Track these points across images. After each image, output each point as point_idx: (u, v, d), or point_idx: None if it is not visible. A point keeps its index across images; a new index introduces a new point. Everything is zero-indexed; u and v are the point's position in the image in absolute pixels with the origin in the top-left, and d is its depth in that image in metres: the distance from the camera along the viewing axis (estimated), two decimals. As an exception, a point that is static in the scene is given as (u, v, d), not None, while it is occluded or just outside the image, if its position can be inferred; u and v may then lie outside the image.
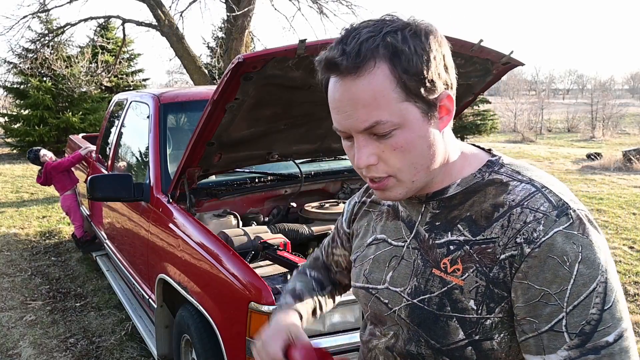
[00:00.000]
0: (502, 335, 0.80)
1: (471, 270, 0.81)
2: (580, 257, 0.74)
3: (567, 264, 0.74)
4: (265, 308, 1.87)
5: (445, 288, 0.83)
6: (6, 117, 14.71)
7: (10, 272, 4.87)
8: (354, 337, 1.98)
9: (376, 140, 0.79)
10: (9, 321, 3.84)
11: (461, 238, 0.83)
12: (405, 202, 0.93)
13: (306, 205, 2.91)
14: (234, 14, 9.29)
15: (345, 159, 3.37)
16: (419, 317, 0.86)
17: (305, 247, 2.62)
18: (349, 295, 1.95)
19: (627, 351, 0.74)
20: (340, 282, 1.20)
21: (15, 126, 13.98)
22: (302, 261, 2.08)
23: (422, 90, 0.77)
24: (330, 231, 2.64)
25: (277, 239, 2.35)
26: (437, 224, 0.87)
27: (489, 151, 0.92)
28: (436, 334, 0.83)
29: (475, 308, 0.80)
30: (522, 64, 2.60)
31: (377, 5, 15.63)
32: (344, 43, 0.77)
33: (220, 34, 16.02)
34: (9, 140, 14.30)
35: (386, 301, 0.92)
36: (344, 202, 2.92)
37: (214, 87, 2.34)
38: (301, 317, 1.09)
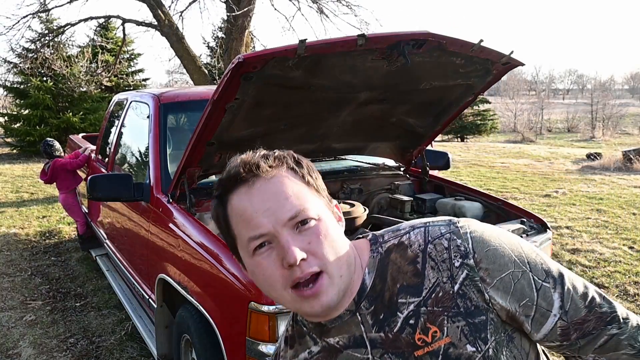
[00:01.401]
0: (504, 352, 0.85)
1: (445, 322, 0.83)
2: (491, 236, 0.86)
3: (496, 245, 0.85)
4: (265, 308, 1.87)
5: (441, 356, 0.83)
6: (6, 117, 14.72)
7: (10, 272, 4.87)
8: None
9: (299, 234, 0.81)
10: (9, 321, 3.84)
11: (412, 307, 0.85)
12: (335, 331, 0.89)
13: (306, 205, 2.90)
14: (234, 14, 9.29)
15: (345, 158, 3.37)
16: None
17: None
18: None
19: (562, 267, 0.88)
20: None
21: (16, 126, 14.00)
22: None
23: (322, 192, 0.87)
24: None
25: (277, 239, 2.35)
26: (381, 317, 0.87)
27: (358, 237, 0.97)
28: None
29: (475, 349, 0.83)
30: (522, 64, 2.60)
31: (377, 5, 15.63)
32: (245, 161, 0.85)
33: (220, 34, 16.03)
34: (9, 140, 14.31)
35: None
36: (344, 202, 2.92)
37: (214, 87, 2.34)
38: None
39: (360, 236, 0.96)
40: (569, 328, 0.85)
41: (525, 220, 2.64)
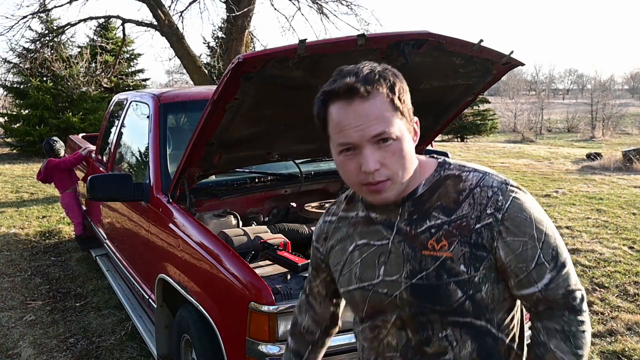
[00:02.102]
0: (486, 286, 1.06)
1: (455, 243, 1.04)
2: (530, 210, 1.05)
3: (528, 217, 1.04)
4: (265, 308, 1.87)
5: (438, 262, 1.05)
6: (6, 117, 14.71)
7: (10, 272, 4.87)
8: (354, 337, 1.97)
9: (378, 149, 1.01)
10: (9, 321, 3.84)
11: (439, 221, 1.07)
12: (379, 210, 1.13)
13: (306, 205, 2.91)
14: (233, 14, 9.28)
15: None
16: (422, 291, 1.06)
17: (305, 247, 2.62)
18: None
19: (570, 263, 1.07)
20: (325, 317, 1.38)
21: (15, 126, 13.98)
22: (302, 261, 2.08)
23: (406, 113, 1.05)
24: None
25: (277, 239, 2.35)
26: (414, 217, 1.09)
27: (432, 156, 1.18)
28: (440, 300, 1.05)
29: (465, 270, 1.04)
30: (522, 64, 2.60)
31: (377, 5, 15.63)
32: (352, 75, 1.01)
33: (220, 34, 16.02)
34: (9, 140, 14.30)
35: (385, 290, 1.11)
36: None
37: (214, 87, 2.34)
38: None
39: (433, 156, 1.17)
40: (541, 300, 1.05)
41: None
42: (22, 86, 14.32)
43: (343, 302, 1.40)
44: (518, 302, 1.13)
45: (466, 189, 1.07)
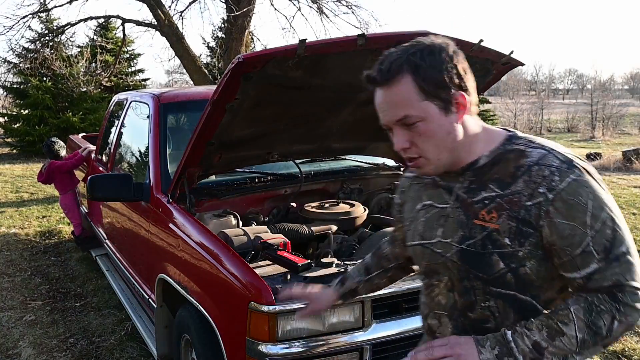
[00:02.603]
0: (532, 262, 1.07)
1: (504, 216, 1.07)
2: (589, 195, 1.03)
3: (583, 201, 1.02)
4: (265, 308, 1.87)
5: (486, 232, 1.10)
6: (6, 117, 14.70)
7: (10, 272, 4.86)
8: (354, 337, 1.98)
9: (406, 129, 1.09)
10: (9, 321, 3.84)
11: (493, 194, 1.10)
12: (445, 175, 1.18)
13: (306, 205, 2.91)
14: (233, 14, 9.28)
15: (345, 158, 3.38)
16: (468, 257, 1.13)
17: (305, 247, 2.62)
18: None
19: (635, 258, 1.04)
20: (402, 256, 1.47)
21: (15, 126, 13.97)
22: (302, 261, 2.08)
23: (437, 92, 1.06)
24: (330, 231, 2.65)
25: (277, 239, 2.35)
26: (472, 187, 1.14)
27: (506, 129, 1.19)
28: (483, 268, 1.10)
29: (509, 243, 1.07)
30: (522, 64, 2.60)
31: (377, 6, 15.63)
32: (380, 63, 1.09)
33: (220, 34, 16.00)
34: (9, 140, 14.29)
35: (440, 251, 1.19)
36: (344, 202, 2.92)
37: (214, 87, 2.34)
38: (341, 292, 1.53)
39: (508, 130, 1.19)
40: (582, 287, 1.05)
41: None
42: (22, 86, 14.31)
43: None
44: None
45: (525, 165, 1.08)
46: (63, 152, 5.20)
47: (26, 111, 13.94)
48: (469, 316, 1.16)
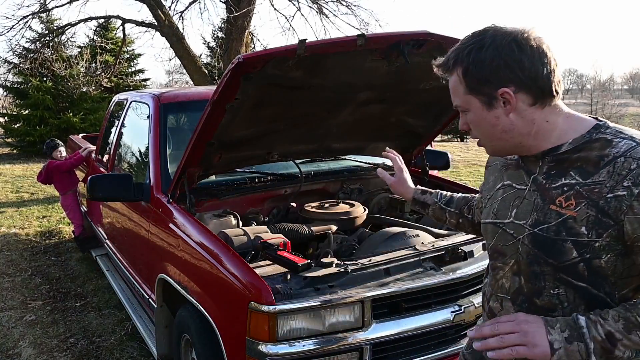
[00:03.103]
0: (608, 255, 1.03)
1: (583, 204, 1.04)
2: None
3: None
4: (265, 308, 1.87)
5: (561, 219, 1.08)
6: (6, 117, 14.70)
7: (10, 272, 4.87)
8: (354, 337, 1.98)
9: (464, 115, 1.17)
10: (9, 321, 3.84)
11: (573, 181, 1.08)
12: (525, 159, 1.20)
13: (306, 205, 2.91)
14: (233, 14, 9.28)
15: (345, 158, 3.38)
16: (540, 242, 1.11)
17: (305, 247, 2.62)
18: (348, 295, 1.96)
19: None
20: (476, 220, 1.53)
21: (16, 126, 13.97)
22: (302, 261, 2.08)
23: (479, 87, 1.10)
24: (330, 231, 2.65)
25: (277, 239, 2.35)
26: (552, 172, 1.13)
27: (596, 118, 1.15)
28: (554, 254, 1.08)
29: (586, 233, 1.04)
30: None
31: (377, 6, 15.61)
32: (449, 53, 1.15)
33: (220, 34, 16.00)
34: (9, 140, 14.29)
35: (512, 232, 1.19)
36: (344, 202, 2.92)
37: (214, 87, 2.34)
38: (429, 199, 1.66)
39: (596, 118, 1.16)
40: None
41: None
42: (22, 86, 14.30)
43: None
44: None
45: (610, 155, 1.04)
46: (64, 153, 5.21)
47: (26, 111, 13.95)
48: (535, 302, 1.14)
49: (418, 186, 1.72)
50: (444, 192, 1.66)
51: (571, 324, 1.02)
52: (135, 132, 3.69)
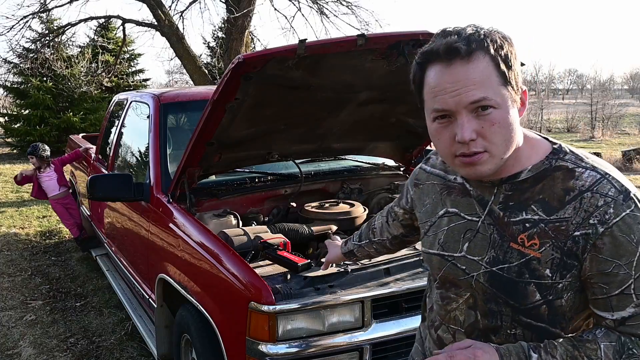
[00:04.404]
0: (569, 294, 0.98)
1: (548, 245, 0.96)
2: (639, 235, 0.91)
3: (634, 240, 0.91)
4: (265, 308, 1.87)
5: (524, 259, 0.98)
6: (6, 117, 14.71)
7: (11, 271, 4.87)
8: (354, 337, 1.98)
9: (476, 117, 0.93)
10: (9, 321, 3.84)
11: (536, 217, 0.98)
12: (475, 183, 1.07)
13: (306, 205, 2.91)
14: (233, 14, 9.28)
15: (345, 158, 3.38)
16: (499, 282, 1.02)
17: (305, 247, 2.62)
18: (348, 295, 1.96)
19: None
20: (389, 234, 1.45)
21: (16, 126, 13.97)
22: (302, 261, 2.09)
23: (513, 81, 0.94)
24: (330, 231, 2.65)
25: (277, 238, 2.35)
26: (510, 204, 1.01)
27: (546, 139, 1.06)
28: (515, 296, 1.00)
29: (550, 275, 0.96)
30: (522, 64, 2.60)
31: (377, 6, 15.61)
32: (456, 35, 0.93)
33: (220, 34, 15.99)
34: (9, 140, 14.30)
35: (463, 267, 1.08)
36: (344, 202, 2.92)
37: (214, 87, 2.34)
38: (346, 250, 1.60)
39: (550, 140, 1.05)
40: (612, 328, 0.96)
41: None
42: (22, 86, 14.31)
43: (412, 236, 1.44)
44: None
45: (576, 189, 0.95)
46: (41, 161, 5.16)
47: (26, 111, 13.95)
48: (491, 339, 1.06)
49: (342, 241, 1.67)
50: (362, 228, 1.59)
51: (522, 358, 0.96)
52: (135, 132, 3.69)
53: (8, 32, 10.43)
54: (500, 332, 1.05)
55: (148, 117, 3.27)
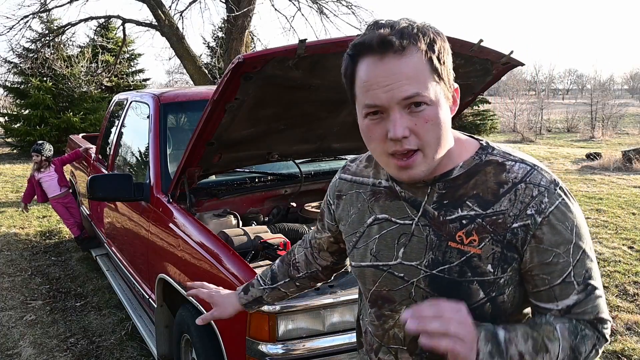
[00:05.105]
0: (510, 289, 0.96)
1: (487, 240, 0.94)
2: (575, 222, 0.93)
3: (569, 228, 0.92)
4: (265, 308, 1.88)
5: (464, 257, 0.95)
6: (6, 117, 14.71)
7: (11, 271, 4.87)
8: (354, 337, 1.98)
9: (409, 114, 0.88)
10: (9, 321, 3.84)
11: (472, 213, 0.95)
12: (405, 185, 1.02)
13: (306, 205, 2.91)
14: (233, 14, 9.28)
15: (345, 158, 3.38)
16: (440, 285, 0.97)
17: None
18: (348, 295, 1.96)
19: (601, 288, 0.97)
20: (318, 265, 1.35)
21: (16, 126, 13.98)
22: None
23: (445, 77, 0.91)
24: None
25: (277, 238, 2.36)
26: (445, 202, 0.98)
27: (471, 136, 1.05)
28: (459, 297, 0.93)
29: (492, 271, 0.94)
30: (522, 64, 2.60)
31: (377, 5, 15.64)
32: (387, 27, 0.89)
33: (220, 34, 16.00)
34: (9, 140, 14.30)
35: (401, 275, 1.02)
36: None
37: (214, 87, 2.34)
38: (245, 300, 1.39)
39: (476, 138, 1.04)
40: (559, 316, 0.95)
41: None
42: (22, 86, 14.32)
43: (343, 262, 1.36)
44: None
45: (509, 181, 0.94)
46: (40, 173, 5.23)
47: (27, 111, 13.96)
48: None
49: (237, 290, 1.44)
50: (265, 270, 1.41)
51: (492, 337, 0.89)
52: (135, 132, 3.69)
53: (8, 32, 10.43)
54: None
55: (148, 117, 3.27)
